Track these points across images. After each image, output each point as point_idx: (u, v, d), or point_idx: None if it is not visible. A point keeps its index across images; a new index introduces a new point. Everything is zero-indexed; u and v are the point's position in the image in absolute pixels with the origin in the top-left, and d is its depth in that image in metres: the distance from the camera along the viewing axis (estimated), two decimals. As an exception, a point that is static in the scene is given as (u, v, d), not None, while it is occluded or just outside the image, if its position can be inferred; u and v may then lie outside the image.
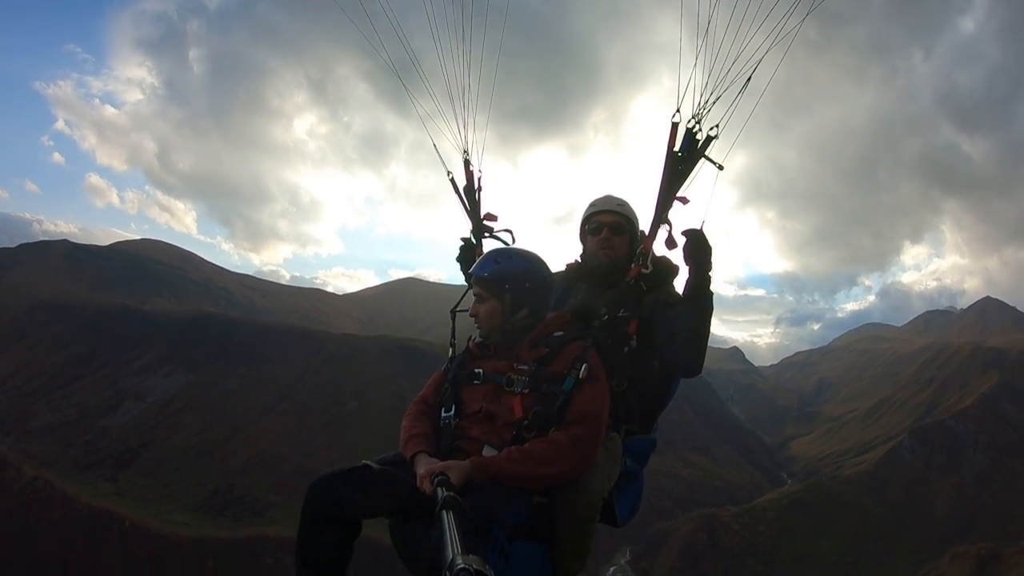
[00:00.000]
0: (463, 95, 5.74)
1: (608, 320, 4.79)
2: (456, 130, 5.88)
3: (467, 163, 6.01)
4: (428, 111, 5.85)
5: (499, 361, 4.56)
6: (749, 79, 4.58)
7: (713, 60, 4.59)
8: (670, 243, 4.89)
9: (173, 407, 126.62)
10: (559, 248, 5.55)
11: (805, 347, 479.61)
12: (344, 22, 5.77)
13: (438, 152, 6.02)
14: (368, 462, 4.12)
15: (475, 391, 4.53)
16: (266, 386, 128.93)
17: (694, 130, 4.75)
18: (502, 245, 5.59)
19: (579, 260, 5.65)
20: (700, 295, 4.67)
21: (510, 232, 5.76)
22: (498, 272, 4.62)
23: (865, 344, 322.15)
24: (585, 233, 5.55)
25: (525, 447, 4.08)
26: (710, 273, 4.68)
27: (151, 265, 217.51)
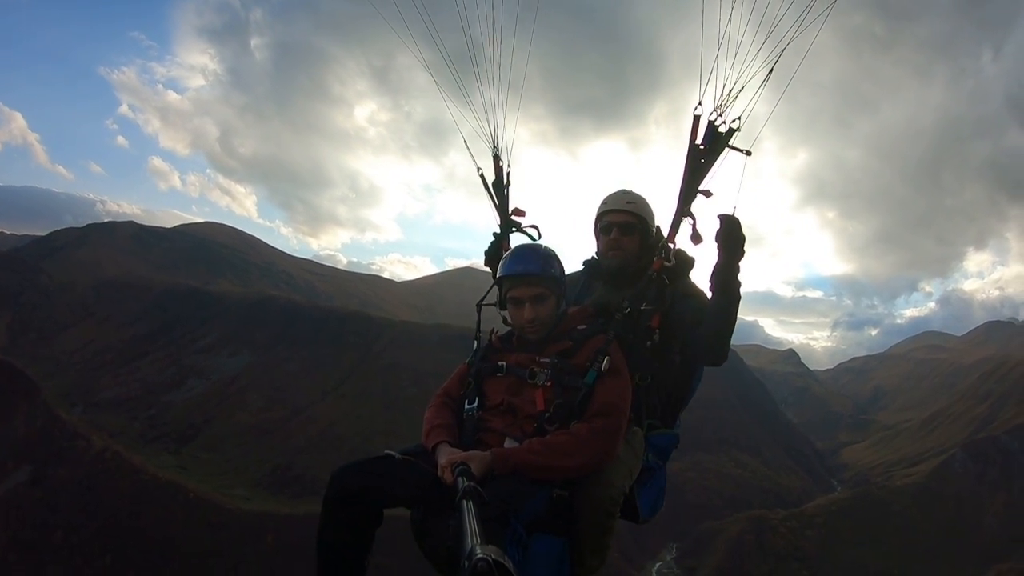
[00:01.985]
0: (493, 91, 5.79)
1: (630, 313, 4.85)
2: (487, 125, 5.96)
3: (496, 158, 6.14)
4: (459, 107, 5.93)
5: (521, 354, 4.64)
6: (771, 70, 4.61)
7: (736, 51, 4.57)
8: (695, 237, 4.98)
9: (236, 386, 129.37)
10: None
11: (862, 352, 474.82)
12: (406, 11, 5.74)
13: (468, 147, 6.09)
14: (390, 452, 4.19)
15: (497, 384, 4.60)
16: (327, 369, 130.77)
17: (716, 123, 4.81)
18: (528, 240, 5.78)
19: (595, 257, 5.67)
20: (728, 281, 4.73)
21: (536, 228, 5.87)
22: (557, 268, 4.75)
23: (923, 353, 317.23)
24: (597, 231, 5.55)
25: (546, 439, 4.14)
26: (739, 261, 4.75)
27: (214, 248, 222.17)
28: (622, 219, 5.32)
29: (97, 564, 77.75)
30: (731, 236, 4.68)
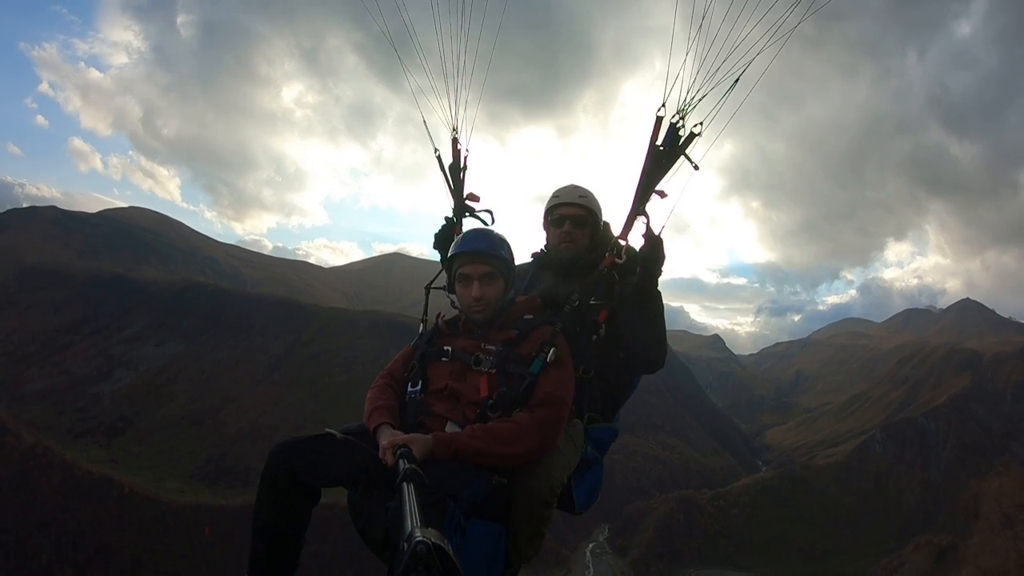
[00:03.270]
0: (457, 72, 5.78)
1: (579, 307, 4.94)
2: (446, 107, 5.94)
3: (455, 141, 6.09)
4: (420, 86, 5.87)
5: (467, 340, 4.65)
6: (737, 80, 4.65)
7: (704, 56, 4.63)
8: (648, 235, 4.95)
9: (164, 376, 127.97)
10: (539, 227, 5.61)
11: (785, 338, 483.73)
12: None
13: (427, 128, 6.04)
14: (331, 431, 4.14)
15: (442, 368, 4.58)
16: (257, 357, 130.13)
17: (678, 125, 4.82)
18: (481, 225, 5.76)
19: (544, 249, 5.68)
20: (646, 297, 4.83)
21: (490, 213, 5.88)
22: (508, 252, 4.75)
23: (844, 339, 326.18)
24: (548, 223, 5.57)
25: (489, 426, 4.13)
26: (657, 279, 4.85)
27: (138, 233, 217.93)
28: (575, 212, 5.40)
29: (33, 564, 76.77)
30: (653, 256, 4.81)
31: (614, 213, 5.35)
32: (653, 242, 4.80)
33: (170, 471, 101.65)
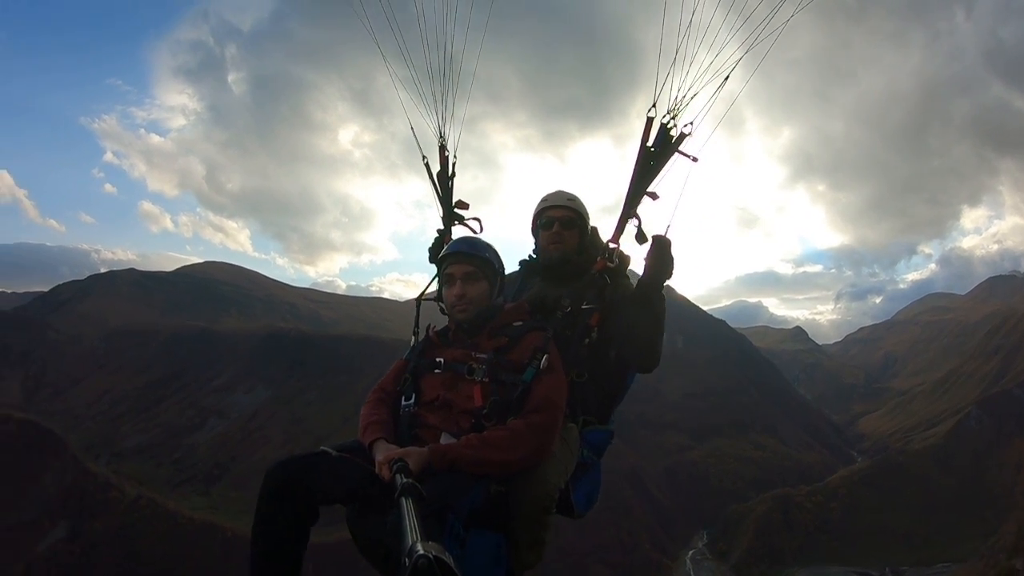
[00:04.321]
0: (443, 78, 5.77)
1: (572, 312, 4.98)
2: (434, 115, 5.93)
3: (442, 148, 6.07)
4: (409, 95, 5.86)
5: (458, 350, 4.64)
6: (727, 77, 4.68)
7: (693, 56, 4.64)
8: (640, 238, 5.02)
9: (256, 422, 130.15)
10: (605, 234, 5.39)
11: (868, 322, 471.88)
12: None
13: (415, 137, 6.02)
14: (326, 448, 4.17)
15: (434, 379, 4.58)
16: (344, 395, 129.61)
17: (668, 126, 4.85)
18: (470, 233, 5.74)
19: (532, 256, 5.75)
20: (648, 298, 4.85)
21: (479, 221, 5.87)
22: (492, 255, 4.78)
23: (929, 316, 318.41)
24: (537, 227, 5.61)
25: (483, 435, 4.15)
26: (665, 281, 4.87)
27: (216, 286, 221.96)
28: (563, 214, 5.43)
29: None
30: (660, 258, 4.80)
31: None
32: (659, 244, 4.83)
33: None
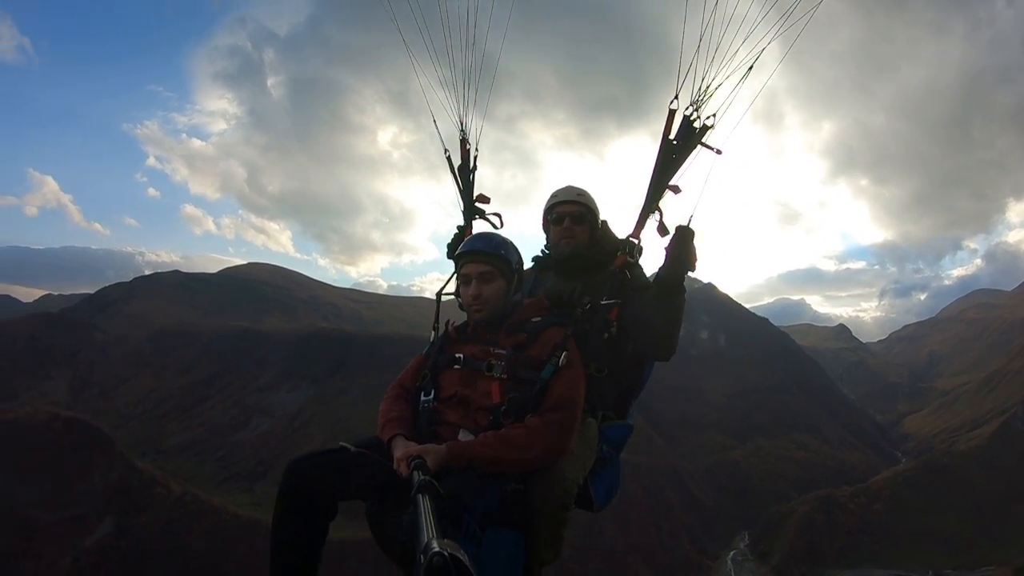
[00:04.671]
0: (465, 71, 5.69)
1: (591, 307, 4.89)
2: (455, 108, 5.89)
3: (464, 142, 6.05)
4: (431, 90, 5.80)
5: (476, 346, 4.64)
6: (751, 67, 4.60)
7: (716, 46, 4.55)
8: (662, 230, 4.98)
9: (300, 420, 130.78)
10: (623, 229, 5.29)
11: (912, 319, 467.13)
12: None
13: (438, 130, 5.99)
14: (345, 444, 4.16)
15: (453, 375, 4.58)
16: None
17: (691, 118, 4.80)
18: (490, 228, 5.80)
19: (544, 250, 5.75)
20: (672, 289, 4.78)
21: (499, 216, 5.88)
22: (509, 251, 4.76)
23: (975, 312, 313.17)
24: (548, 223, 5.62)
25: (501, 432, 4.13)
26: (686, 273, 4.79)
27: (259, 287, 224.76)
28: (573, 209, 5.45)
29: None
30: (682, 249, 4.75)
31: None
32: (682, 235, 4.77)
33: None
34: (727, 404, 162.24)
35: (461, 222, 6.02)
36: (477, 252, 4.70)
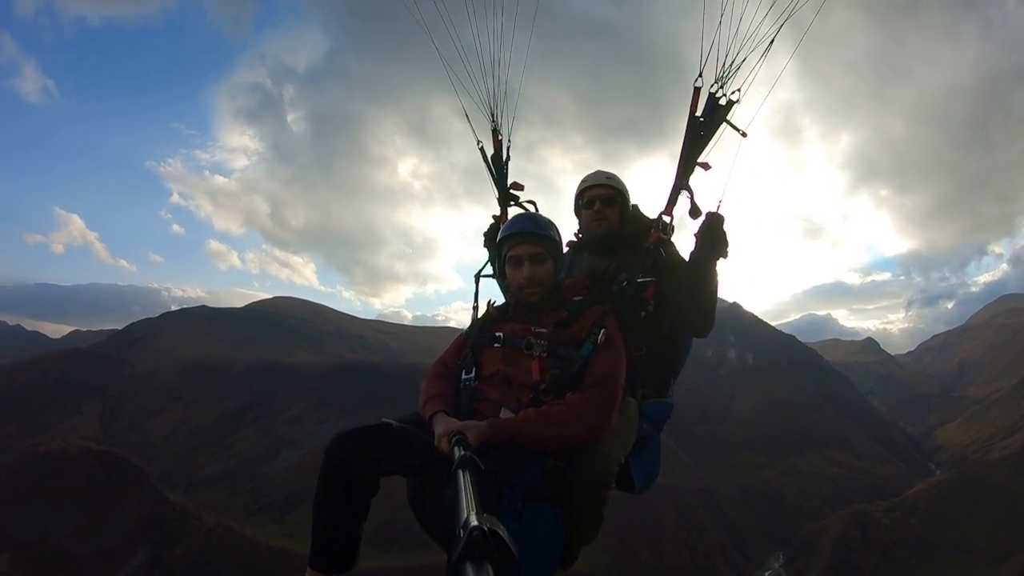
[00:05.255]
0: (495, 67, 5.75)
1: (628, 285, 4.90)
2: (487, 101, 5.96)
3: (495, 132, 6.13)
4: (461, 81, 5.79)
5: (517, 324, 4.66)
6: (772, 41, 4.61)
7: (739, 22, 4.56)
8: (694, 212, 5.04)
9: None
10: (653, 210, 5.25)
11: (941, 328, 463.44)
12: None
13: (470, 122, 6.05)
14: (388, 420, 4.20)
15: (494, 354, 4.60)
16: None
17: (716, 95, 4.84)
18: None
19: (577, 234, 5.80)
20: (702, 275, 4.85)
21: (534, 203, 5.94)
22: (556, 233, 4.82)
23: (1004, 318, 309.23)
24: (579, 207, 5.68)
25: (542, 409, 4.12)
26: (717, 259, 4.85)
27: (285, 321, 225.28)
28: (604, 192, 5.51)
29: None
30: (712, 234, 4.81)
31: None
32: (712, 221, 4.84)
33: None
34: (757, 423, 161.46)
35: (496, 212, 6.15)
36: (528, 233, 4.73)
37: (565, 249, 5.29)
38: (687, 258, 4.97)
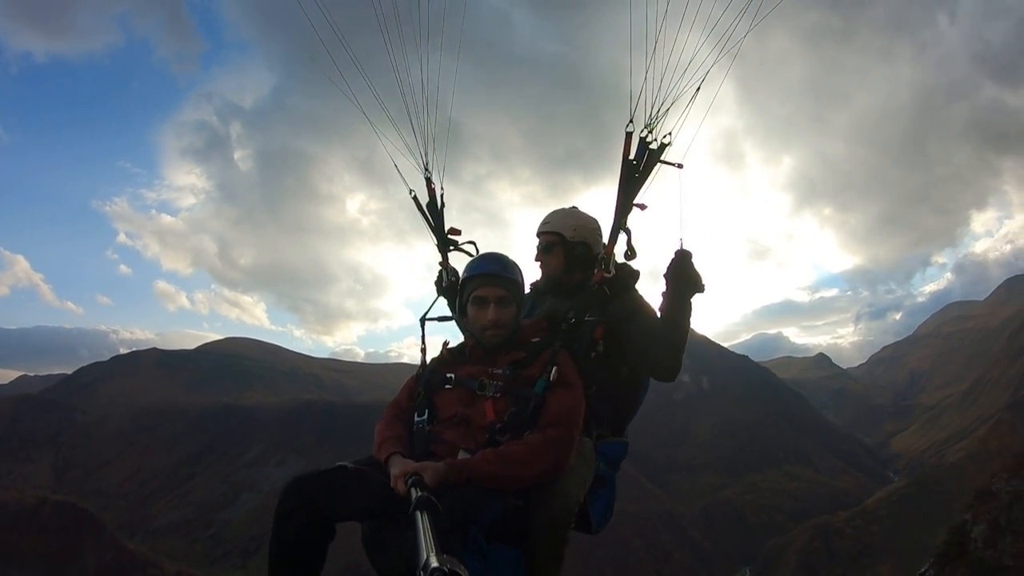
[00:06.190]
0: (423, 113, 5.72)
1: (575, 324, 4.79)
2: (417, 148, 5.90)
3: (428, 180, 6.05)
4: (391, 128, 5.79)
5: (474, 367, 4.57)
6: (699, 89, 4.68)
7: (664, 69, 4.67)
8: (630, 253, 5.09)
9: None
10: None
11: (890, 339, 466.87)
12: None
13: (399, 172, 5.99)
14: (344, 463, 4.11)
15: (449, 396, 4.49)
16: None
17: (647, 139, 4.85)
18: (467, 259, 5.46)
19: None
20: (676, 318, 4.80)
21: (474, 244, 5.87)
22: (520, 277, 4.76)
23: (950, 326, 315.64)
24: None
25: (500, 449, 4.06)
26: (691, 297, 4.82)
27: (239, 362, 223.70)
28: (542, 241, 5.41)
29: None
30: (681, 273, 4.80)
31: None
32: (679, 257, 4.82)
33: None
34: (715, 444, 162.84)
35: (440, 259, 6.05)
36: (494, 276, 4.61)
37: (529, 287, 5.34)
38: (660, 299, 4.91)
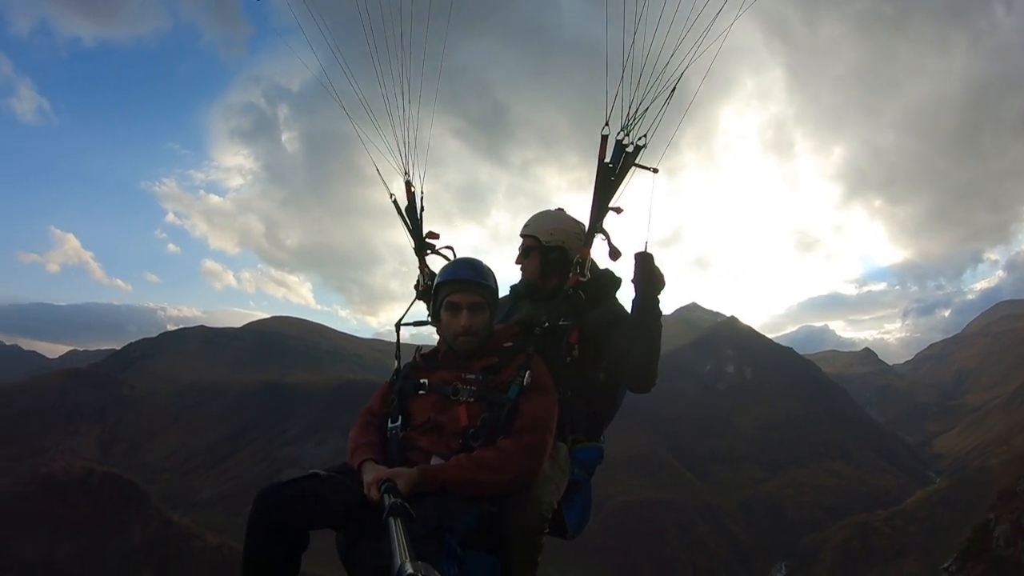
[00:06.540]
0: (403, 116, 5.76)
1: (549, 328, 4.81)
2: (396, 152, 5.92)
3: (408, 184, 6.01)
4: (369, 134, 5.85)
5: (447, 372, 4.56)
6: (674, 90, 4.70)
7: (640, 71, 4.62)
8: (613, 254, 5.06)
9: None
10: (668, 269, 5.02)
11: (938, 337, 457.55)
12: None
13: (381, 176, 6.00)
14: (317, 471, 4.06)
15: (423, 402, 4.49)
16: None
17: (623, 141, 4.85)
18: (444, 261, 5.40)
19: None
20: (647, 320, 4.79)
21: (451, 248, 5.72)
22: (494, 282, 4.74)
23: (1000, 325, 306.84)
24: None
25: (473, 455, 4.06)
26: (658, 295, 4.84)
27: (283, 340, 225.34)
28: (522, 244, 5.41)
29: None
30: (646, 274, 4.80)
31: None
32: (642, 260, 4.84)
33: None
34: (757, 436, 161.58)
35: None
36: (468, 282, 4.60)
37: (506, 294, 5.41)
38: (632, 304, 4.93)
